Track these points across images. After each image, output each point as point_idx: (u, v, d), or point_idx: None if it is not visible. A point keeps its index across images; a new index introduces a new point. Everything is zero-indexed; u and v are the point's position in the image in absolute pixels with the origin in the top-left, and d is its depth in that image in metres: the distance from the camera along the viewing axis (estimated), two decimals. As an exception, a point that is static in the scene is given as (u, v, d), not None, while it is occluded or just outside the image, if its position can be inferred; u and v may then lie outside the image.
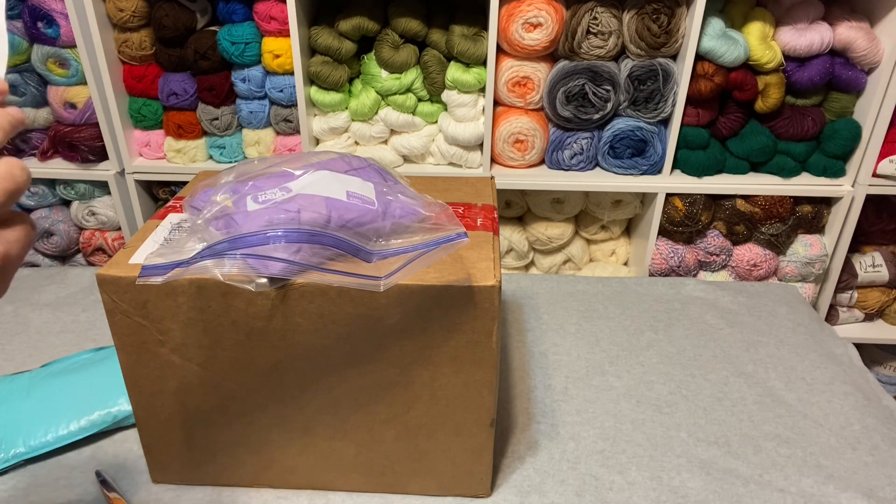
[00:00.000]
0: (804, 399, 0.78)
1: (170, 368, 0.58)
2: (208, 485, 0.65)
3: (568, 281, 1.02)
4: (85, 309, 0.94)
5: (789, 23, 1.20)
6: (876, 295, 1.43)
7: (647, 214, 1.35)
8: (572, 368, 0.83)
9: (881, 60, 1.20)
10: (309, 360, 0.56)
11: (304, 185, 0.54)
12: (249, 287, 0.51)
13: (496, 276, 0.53)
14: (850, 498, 0.65)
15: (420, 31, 1.23)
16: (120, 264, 0.54)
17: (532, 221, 1.40)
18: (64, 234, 1.40)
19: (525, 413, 0.75)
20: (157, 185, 1.41)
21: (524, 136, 1.28)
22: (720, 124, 1.28)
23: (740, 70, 1.20)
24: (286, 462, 0.63)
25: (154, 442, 0.63)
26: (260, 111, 1.30)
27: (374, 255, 0.51)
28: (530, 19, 1.17)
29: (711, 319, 0.93)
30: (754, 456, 0.70)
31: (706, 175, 1.31)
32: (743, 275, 1.37)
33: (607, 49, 1.20)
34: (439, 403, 0.58)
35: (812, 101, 1.26)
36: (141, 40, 1.24)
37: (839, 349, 0.88)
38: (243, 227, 0.51)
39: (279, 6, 1.18)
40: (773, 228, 1.32)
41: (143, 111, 1.31)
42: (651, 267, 1.35)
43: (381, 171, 0.61)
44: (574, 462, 0.69)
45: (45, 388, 0.73)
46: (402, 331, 0.54)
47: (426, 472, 0.63)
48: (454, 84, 1.23)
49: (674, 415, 0.75)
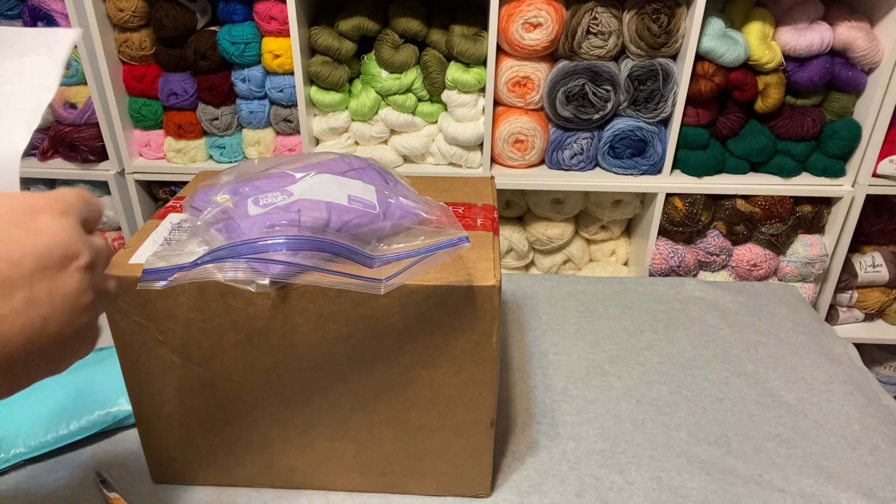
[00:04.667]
0: (804, 399, 0.78)
1: (170, 368, 0.58)
2: (208, 485, 0.65)
3: (568, 281, 1.02)
4: (85, 309, 0.94)
5: (789, 23, 1.20)
6: (876, 295, 1.43)
7: (647, 214, 1.35)
8: (572, 368, 0.83)
9: (881, 60, 1.20)
10: (309, 360, 0.56)
11: (305, 189, 0.54)
12: (250, 288, 0.51)
13: (496, 276, 0.53)
14: (850, 498, 0.65)
15: (420, 31, 1.23)
16: (120, 264, 0.54)
17: (532, 221, 1.40)
18: (64, 234, 1.40)
19: (525, 413, 0.75)
20: (157, 185, 1.41)
21: (524, 136, 1.28)
22: (720, 124, 1.28)
23: (740, 70, 1.20)
24: (286, 462, 0.63)
25: (154, 442, 0.63)
26: (260, 111, 1.30)
27: (376, 261, 0.51)
28: (530, 19, 1.17)
29: (711, 319, 0.93)
30: (754, 456, 0.70)
31: (706, 175, 1.31)
32: (743, 275, 1.37)
33: (607, 49, 1.20)
34: (439, 403, 0.58)
35: (812, 101, 1.26)
36: (141, 40, 1.24)
37: (839, 349, 0.88)
38: (244, 230, 0.51)
39: (279, 6, 1.18)
40: (773, 228, 1.32)
41: (143, 111, 1.31)
42: (651, 267, 1.35)
43: (381, 172, 0.61)
44: (574, 462, 0.69)
45: (45, 388, 0.73)
46: (402, 331, 0.54)
47: (426, 472, 0.63)
48: (454, 84, 1.23)
49: (674, 415, 0.75)
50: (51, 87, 0.40)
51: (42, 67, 0.41)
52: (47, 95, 0.40)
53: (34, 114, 0.40)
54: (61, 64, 0.41)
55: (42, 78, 0.41)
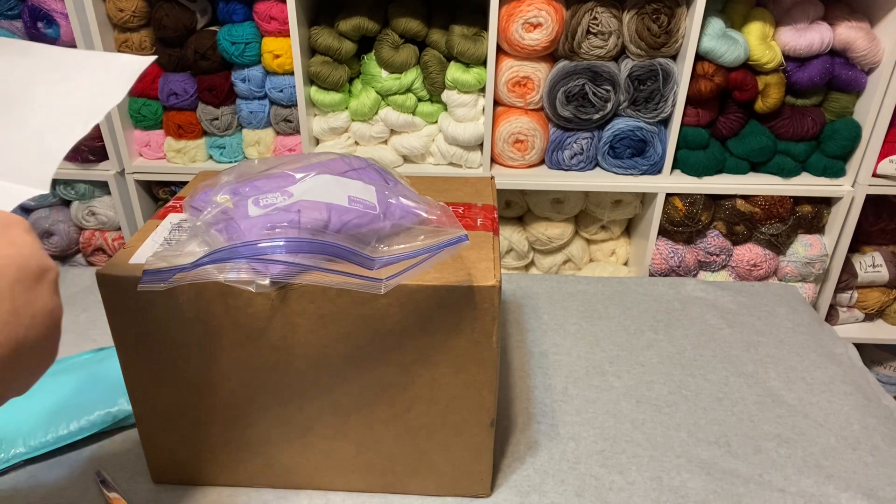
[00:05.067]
0: (804, 399, 0.78)
1: (170, 368, 0.58)
2: (208, 485, 0.65)
3: (568, 281, 1.02)
4: (85, 309, 0.94)
5: (789, 23, 1.20)
6: (876, 295, 1.43)
7: (647, 214, 1.35)
8: (572, 368, 0.83)
9: (881, 60, 1.20)
10: (309, 360, 0.56)
11: (305, 190, 0.54)
12: (250, 288, 0.51)
13: (496, 276, 0.53)
14: (850, 498, 0.65)
15: (420, 31, 1.23)
16: (120, 264, 0.54)
17: (532, 221, 1.40)
18: (64, 234, 1.40)
19: (525, 413, 0.75)
20: (157, 185, 1.41)
21: (524, 136, 1.28)
22: (720, 124, 1.28)
23: (740, 70, 1.20)
24: (286, 462, 0.63)
25: (154, 442, 0.63)
26: (260, 111, 1.30)
27: (376, 262, 0.52)
28: (530, 19, 1.17)
29: (711, 319, 0.93)
30: (754, 456, 0.70)
31: (706, 175, 1.31)
32: (743, 275, 1.37)
33: (607, 49, 1.20)
34: (439, 403, 0.58)
35: (812, 101, 1.26)
36: (141, 40, 1.24)
37: (839, 349, 0.88)
38: (244, 231, 0.51)
39: (279, 6, 1.18)
40: (773, 228, 1.32)
41: (143, 111, 1.31)
42: (651, 267, 1.35)
43: (381, 172, 0.61)
44: (574, 462, 0.69)
45: (45, 388, 0.73)
46: (402, 331, 0.54)
47: (426, 472, 0.63)
48: (454, 84, 1.23)
49: (674, 415, 0.75)
50: (112, 97, 0.43)
51: (101, 81, 0.44)
52: (108, 103, 0.43)
53: (92, 114, 0.42)
54: (127, 80, 0.44)
55: (101, 88, 0.43)
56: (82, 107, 0.42)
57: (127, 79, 0.43)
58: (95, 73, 0.43)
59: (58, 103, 0.42)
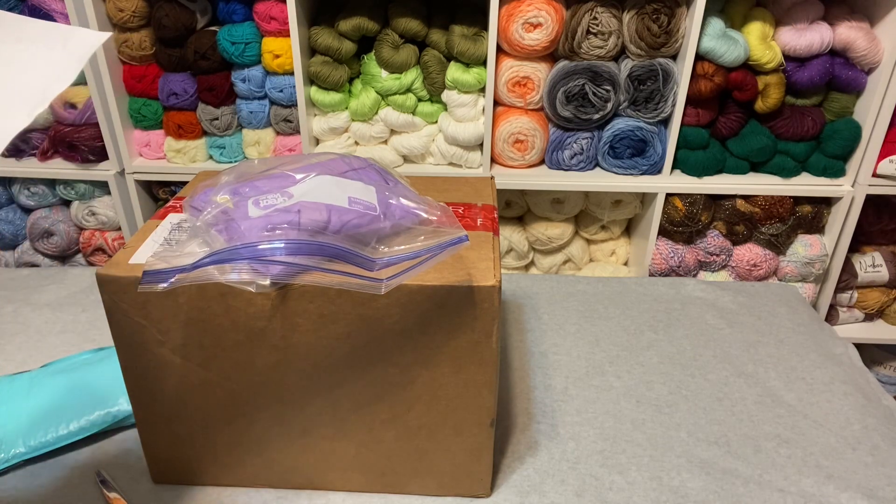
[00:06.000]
0: (804, 399, 0.78)
1: (170, 368, 0.58)
2: (208, 485, 0.65)
3: (568, 281, 1.02)
4: (85, 309, 0.94)
5: (789, 23, 1.20)
6: (876, 295, 1.43)
7: (647, 214, 1.35)
8: (572, 368, 0.83)
9: (881, 60, 1.20)
10: (309, 360, 0.56)
11: (305, 190, 0.54)
12: (250, 288, 0.51)
13: (496, 276, 0.53)
14: (850, 498, 0.65)
15: (420, 31, 1.23)
16: (120, 264, 0.54)
17: (532, 221, 1.40)
18: (64, 234, 1.40)
19: (525, 413, 0.75)
20: (157, 185, 1.41)
21: (524, 136, 1.28)
22: (720, 124, 1.28)
23: (740, 70, 1.20)
24: (286, 462, 0.63)
25: (154, 442, 0.63)
26: (260, 111, 1.30)
27: (376, 264, 0.52)
28: (530, 19, 1.17)
29: (711, 319, 0.93)
30: (754, 456, 0.70)
31: (706, 175, 1.31)
32: (743, 275, 1.37)
33: (607, 49, 1.20)
34: (439, 403, 0.58)
35: (812, 101, 1.26)
36: (141, 40, 1.24)
37: (839, 349, 0.88)
38: (245, 232, 0.51)
39: (279, 6, 1.18)
40: (773, 228, 1.32)
41: (143, 111, 1.31)
42: (651, 267, 1.35)
43: (381, 172, 0.61)
44: (574, 462, 0.69)
45: (45, 389, 0.73)
46: (402, 331, 0.54)
47: (426, 472, 0.63)
48: (454, 84, 1.23)
49: (674, 415, 0.75)
50: (62, 80, 0.40)
51: (55, 60, 0.41)
52: (57, 87, 0.40)
53: (39, 100, 0.40)
54: (78, 60, 0.41)
55: (53, 69, 0.41)
56: (29, 92, 0.40)
57: (79, 57, 0.41)
58: (52, 51, 0.41)
59: (4, 84, 0.40)
